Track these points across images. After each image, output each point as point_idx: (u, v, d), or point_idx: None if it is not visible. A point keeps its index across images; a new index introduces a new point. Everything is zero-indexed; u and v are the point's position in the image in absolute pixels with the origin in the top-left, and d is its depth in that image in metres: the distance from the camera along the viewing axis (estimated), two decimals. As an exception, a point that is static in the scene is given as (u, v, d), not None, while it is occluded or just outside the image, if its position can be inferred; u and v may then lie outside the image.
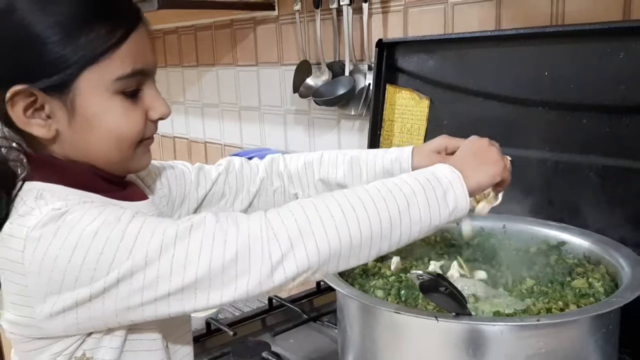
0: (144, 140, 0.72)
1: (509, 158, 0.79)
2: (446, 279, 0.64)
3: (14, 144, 0.68)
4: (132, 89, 0.68)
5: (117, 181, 0.74)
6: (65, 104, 0.65)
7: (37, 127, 0.66)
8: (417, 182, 0.67)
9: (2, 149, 0.68)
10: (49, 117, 0.66)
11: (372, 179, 0.86)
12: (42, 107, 0.65)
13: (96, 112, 0.66)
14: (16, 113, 0.65)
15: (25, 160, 0.68)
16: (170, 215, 0.87)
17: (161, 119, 0.72)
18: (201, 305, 0.62)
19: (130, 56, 0.66)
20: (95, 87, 0.65)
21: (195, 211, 0.90)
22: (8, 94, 0.64)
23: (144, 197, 0.78)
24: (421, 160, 0.85)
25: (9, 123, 0.67)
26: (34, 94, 0.64)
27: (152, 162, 0.81)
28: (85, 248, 0.60)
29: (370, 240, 0.63)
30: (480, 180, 0.72)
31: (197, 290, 0.61)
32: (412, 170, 0.84)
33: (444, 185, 0.67)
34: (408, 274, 0.86)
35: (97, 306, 0.61)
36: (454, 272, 0.88)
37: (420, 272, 0.63)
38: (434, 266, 0.91)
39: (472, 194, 0.70)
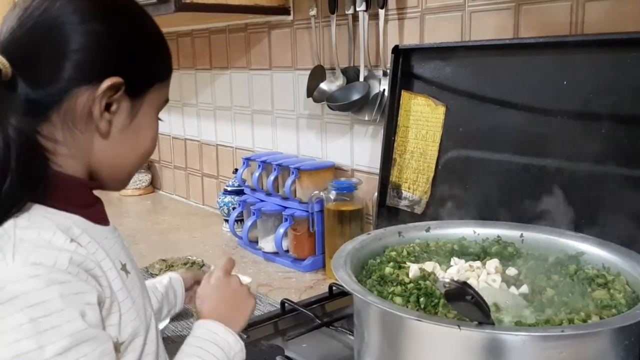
0: None
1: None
2: (472, 288, 0.64)
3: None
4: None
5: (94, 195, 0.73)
6: (134, 107, 0.68)
7: (105, 122, 0.66)
8: None
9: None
10: (112, 114, 0.66)
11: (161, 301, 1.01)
12: (110, 104, 0.65)
13: (148, 124, 0.71)
14: (101, 104, 0.64)
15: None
16: None
17: None
18: None
19: (169, 85, 0.74)
20: (153, 102, 0.71)
21: None
22: (109, 82, 0.63)
23: (107, 220, 0.74)
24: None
25: (70, 117, 0.64)
26: (120, 90, 0.65)
27: None
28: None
29: None
30: (243, 323, 0.86)
31: None
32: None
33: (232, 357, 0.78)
34: (427, 282, 0.85)
35: None
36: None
37: (447, 280, 0.63)
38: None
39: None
